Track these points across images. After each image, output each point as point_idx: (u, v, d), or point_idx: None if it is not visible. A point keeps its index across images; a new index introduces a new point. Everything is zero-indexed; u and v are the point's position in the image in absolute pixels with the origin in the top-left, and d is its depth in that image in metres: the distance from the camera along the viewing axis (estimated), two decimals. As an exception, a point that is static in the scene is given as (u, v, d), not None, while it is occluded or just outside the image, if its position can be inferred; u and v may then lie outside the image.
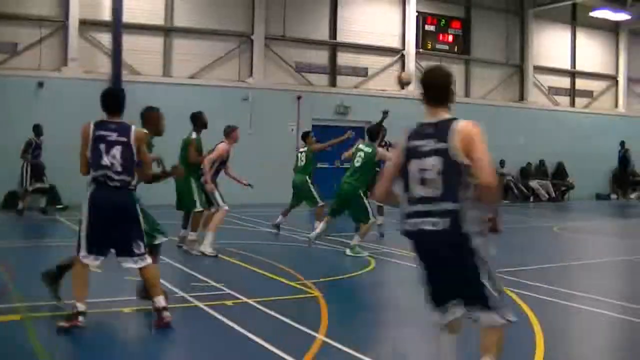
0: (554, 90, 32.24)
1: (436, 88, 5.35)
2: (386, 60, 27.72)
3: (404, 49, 27.91)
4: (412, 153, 5.22)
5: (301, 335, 7.37)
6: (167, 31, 24.22)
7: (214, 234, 12.67)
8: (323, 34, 26.65)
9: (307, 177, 16.20)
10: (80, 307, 7.28)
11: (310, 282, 10.08)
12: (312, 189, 16.05)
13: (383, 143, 15.59)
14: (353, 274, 11.26)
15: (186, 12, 24.39)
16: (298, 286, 9.87)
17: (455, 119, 5.24)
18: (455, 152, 5.05)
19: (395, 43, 27.94)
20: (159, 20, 24.03)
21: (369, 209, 13.30)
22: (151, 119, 9.23)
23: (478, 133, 5.18)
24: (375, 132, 13.87)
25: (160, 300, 7.55)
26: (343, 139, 16.42)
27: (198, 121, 13.39)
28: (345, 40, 26.90)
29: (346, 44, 26.93)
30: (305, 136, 17.24)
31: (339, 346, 6.91)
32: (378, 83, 27.37)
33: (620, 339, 8.10)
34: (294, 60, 26.01)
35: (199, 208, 12.76)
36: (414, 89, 19.77)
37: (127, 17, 21.93)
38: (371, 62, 27.42)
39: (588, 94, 33.32)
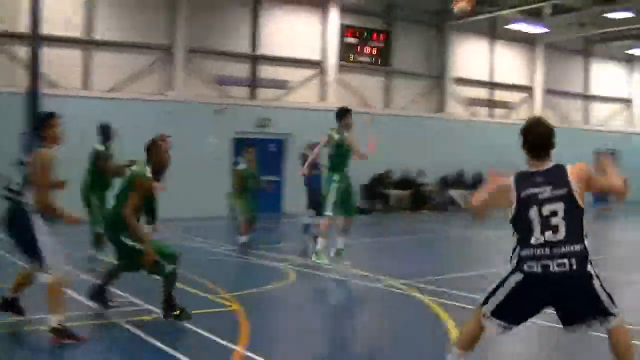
0: (473, 102, 32.79)
1: (543, 141, 5.83)
2: (307, 72, 27.84)
3: (324, 61, 28.05)
4: (530, 201, 5.65)
5: (221, 348, 7.39)
6: (86, 43, 23.94)
7: None
8: (244, 47, 26.62)
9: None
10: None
11: (230, 295, 10.09)
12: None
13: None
14: (273, 287, 11.27)
15: (106, 24, 24.09)
16: (218, 300, 9.86)
17: (562, 164, 5.75)
18: (576, 195, 5.58)
19: (316, 55, 28.05)
20: (77, 32, 23.73)
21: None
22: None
23: (588, 168, 5.75)
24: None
25: (53, 321, 7.52)
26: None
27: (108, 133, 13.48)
28: (266, 53, 26.92)
29: (267, 56, 26.96)
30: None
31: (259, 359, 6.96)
32: (299, 95, 27.49)
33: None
34: (214, 72, 25.94)
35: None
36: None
37: (45, 29, 21.68)
38: (292, 74, 27.48)
39: (506, 105, 33.98)
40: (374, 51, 29.37)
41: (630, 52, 37.10)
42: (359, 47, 29.06)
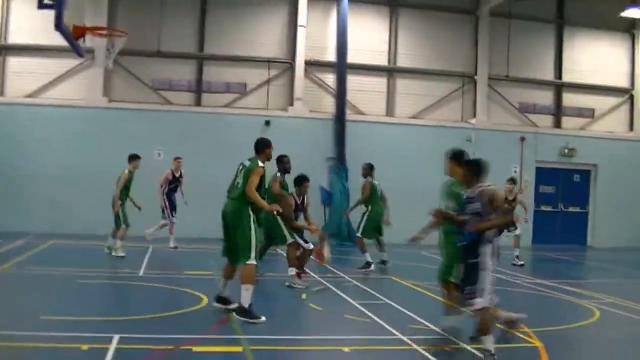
0: None
1: None
2: (614, 100, 26.78)
3: (632, 89, 26.87)
4: None
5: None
6: (390, 71, 24.68)
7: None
8: (547, 74, 26.15)
9: None
10: None
11: (532, 330, 9.88)
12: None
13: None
14: (576, 325, 10.91)
15: (409, 53, 24.78)
16: (520, 335, 9.69)
17: None
18: None
19: (623, 82, 26.96)
20: (382, 60, 24.56)
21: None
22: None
23: None
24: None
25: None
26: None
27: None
28: (571, 80, 26.25)
29: (572, 84, 26.28)
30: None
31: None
32: (606, 124, 26.50)
33: None
34: (517, 100, 25.68)
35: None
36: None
37: (351, 58, 22.73)
38: (598, 102, 26.56)
39: None
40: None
41: None
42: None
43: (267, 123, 22.74)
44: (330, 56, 23.60)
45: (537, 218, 24.50)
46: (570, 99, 26.32)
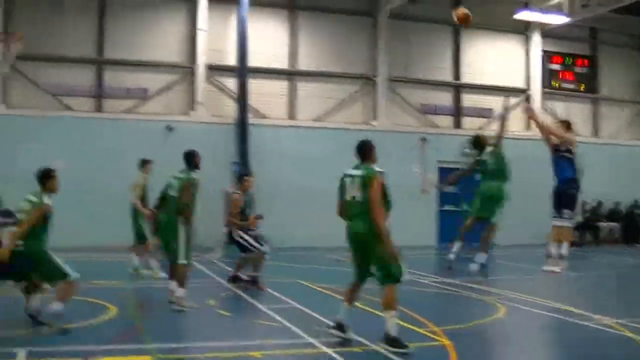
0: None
1: None
2: (511, 100, 27.21)
3: (529, 89, 27.51)
4: None
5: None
6: (291, 74, 24.70)
7: None
8: (446, 75, 26.53)
9: None
10: None
11: (440, 329, 9.96)
12: None
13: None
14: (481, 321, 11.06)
15: (309, 56, 24.86)
16: (427, 334, 9.76)
17: None
18: None
19: (519, 83, 27.58)
20: (283, 64, 24.56)
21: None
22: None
23: None
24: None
25: None
26: None
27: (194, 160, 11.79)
28: (470, 81, 26.70)
29: (470, 84, 26.73)
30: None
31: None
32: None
33: None
34: (418, 101, 25.98)
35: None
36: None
37: (252, 62, 22.66)
38: (496, 102, 27.03)
39: None
40: (579, 77, 28.59)
41: None
42: (562, 74, 28.41)
43: (169, 128, 22.48)
44: (231, 60, 23.46)
45: (441, 218, 24.85)
46: (469, 100, 26.76)
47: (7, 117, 21.75)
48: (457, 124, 26.59)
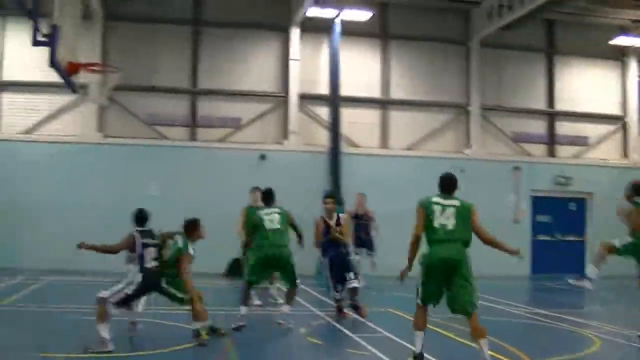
0: None
1: None
2: (607, 128, 26.80)
3: (625, 116, 26.93)
4: None
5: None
6: (383, 103, 24.74)
7: None
8: (539, 103, 26.20)
9: None
10: None
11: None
12: None
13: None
14: (576, 355, 10.82)
15: (402, 85, 24.86)
16: None
17: None
18: None
19: (615, 110, 26.99)
20: (375, 93, 24.63)
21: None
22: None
23: None
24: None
25: None
26: None
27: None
28: (563, 109, 26.29)
29: (564, 112, 26.31)
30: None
31: None
32: (599, 152, 26.51)
33: None
34: (511, 130, 25.71)
35: None
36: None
37: (344, 91, 22.84)
38: (591, 130, 26.57)
39: None
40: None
41: None
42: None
43: (263, 157, 22.77)
44: (323, 89, 23.68)
45: (535, 247, 24.45)
46: (563, 127, 26.33)
47: (103, 145, 22.45)
48: (551, 153, 26.13)
